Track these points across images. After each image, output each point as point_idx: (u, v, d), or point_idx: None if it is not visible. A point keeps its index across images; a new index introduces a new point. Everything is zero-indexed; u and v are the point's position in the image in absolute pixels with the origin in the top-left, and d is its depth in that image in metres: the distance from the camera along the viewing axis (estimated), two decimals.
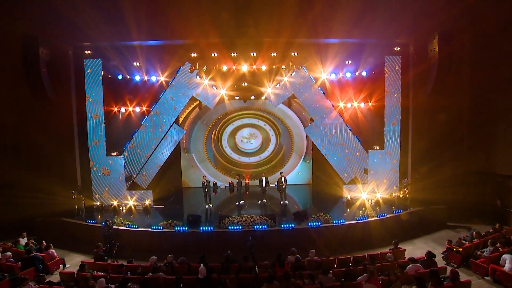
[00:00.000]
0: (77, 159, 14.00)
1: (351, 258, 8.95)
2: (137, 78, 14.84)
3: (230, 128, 17.93)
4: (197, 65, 13.81)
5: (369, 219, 11.85)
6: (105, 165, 14.02)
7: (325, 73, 14.97)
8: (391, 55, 14.01)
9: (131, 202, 14.11)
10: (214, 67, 14.02)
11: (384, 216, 12.11)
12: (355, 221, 11.69)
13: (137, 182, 15.38)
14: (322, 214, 11.79)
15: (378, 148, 14.62)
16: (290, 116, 17.90)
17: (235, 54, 13.77)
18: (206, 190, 13.76)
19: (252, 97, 17.00)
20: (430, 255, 7.85)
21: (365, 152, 15.24)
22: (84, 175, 14.15)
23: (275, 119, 17.94)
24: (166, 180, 17.14)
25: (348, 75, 15.15)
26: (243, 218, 11.47)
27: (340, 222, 11.51)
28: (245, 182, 17.69)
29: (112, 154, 14.28)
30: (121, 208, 14.06)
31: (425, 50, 13.13)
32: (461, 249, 9.04)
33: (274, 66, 14.07)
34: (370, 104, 15.91)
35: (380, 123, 14.83)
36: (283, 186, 14.22)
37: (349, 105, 16.03)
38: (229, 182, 17.82)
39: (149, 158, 15.26)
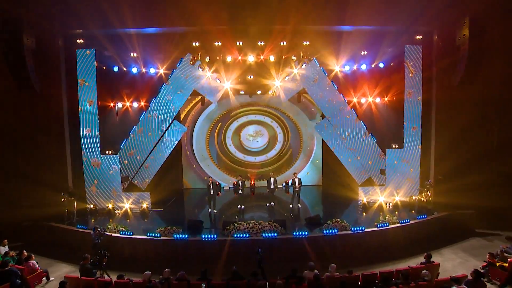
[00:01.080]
0: (68, 158, 12.72)
1: (378, 274, 7.59)
2: (134, 70, 13.50)
3: (234, 125, 16.59)
4: (199, 55, 12.48)
5: (390, 226, 10.48)
6: (102, 174, 12.76)
7: (338, 65, 13.57)
8: (411, 45, 12.59)
9: (127, 205, 12.82)
10: (217, 58, 12.67)
11: (407, 222, 10.74)
12: (375, 228, 10.33)
13: (135, 183, 14.09)
14: (339, 220, 10.43)
15: (396, 146, 13.21)
16: (299, 112, 16.53)
17: (241, 43, 12.42)
18: (212, 193, 12.37)
19: (258, 92, 15.62)
20: (478, 274, 6.48)
21: (381, 151, 13.88)
22: (76, 175, 12.86)
23: (282, 116, 16.58)
24: (166, 180, 15.85)
25: (364, 67, 13.74)
26: (250, 224, 10.14)
27: (359, 230, 10.16)
28: (251, 183, 16.40)
29: (107, 152, 12.98)
30: (117, 211, 12.77)
31: (452, 37, 11.72)
32: (506, 264, 7.65)
33: (283, 57, 12.70)
34: (386, 99, 14.50)
35: (398, 119, 13.44)
36: (296, 189, 12.85)
37: (363, 100, 14.63)
38: (233, 183, 16.44)
39: (148, 157, 13.96)
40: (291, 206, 13.08)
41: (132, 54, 13.11)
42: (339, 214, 11.98)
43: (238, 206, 12.98)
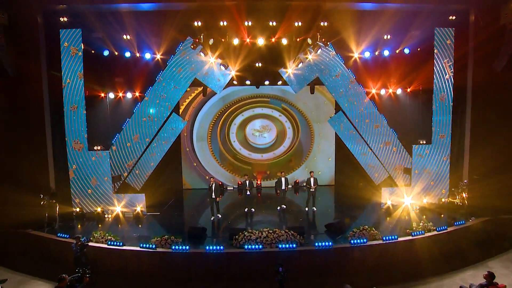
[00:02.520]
0: (50, 155, 10.85)
1: None
2: (127, 55, 11.65)
3: (239, 119, 14.81)
4: (201, 37, 10.65)
5: (426, 234, 8.77)
6: (85, 162, 10.89)
7: (357, 51, 11.83)
8: (443, 27, 10.87)
9: (118, 208, 11.01)
10: (222, 40, 10.85)
11: (445, 229, 9.03)
12: (410, 237, 8.62)
13: (128, 183, 12.30)
14: (367, 227, 8.70)
15: (424, 142, 11.50)
16: (309, 105, 14.77)
17: (250, 23, 10.62)
18: (214, 196, 10.57)
19: (266, 82, 13.87)
20: None
21: (403, 148, 12.22)
22: (59, 174, 11.01)
23: (292, 109, 14.82)
24: (163, 180, 14.11)
25: (386, 53, 12.01)
26: (263, 233, 8.38)
27: (391, 239, 8.44)
28: (257, 183, 14.69)
29: (96, 148, 11.15)
30: (107, 216, 10.95)
31: (495, 15, 9.97)
32: None
33: (298, 39, 10.92)
34: (408, 90, 12.81)
35: (426, 111, 11.74)
36: (312, 189, 11.12)
37: (385, 90, 12.92)
38: (238, 183, 14.76)
39: (143, 153, 12.17)
40: (306, 209, 11.35)
41: (124, 36, 11.25)
42: (360, 220, 10.30)
43: (246, 210, 11.22)
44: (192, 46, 11.32)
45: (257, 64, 12.34)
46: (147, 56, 11.77)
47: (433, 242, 8.69)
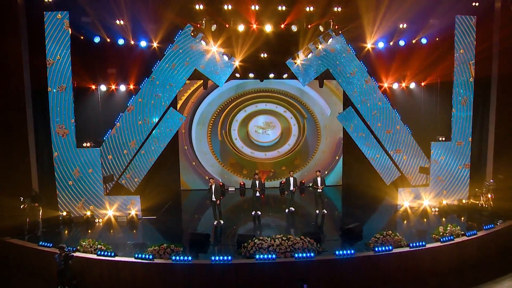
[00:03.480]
0: (32, 150, 9.58)
1: None
2: (121, 42, 10.46)
3: (241, 115, 13.70)
4: (203, 22, 9.51)
5: (456, 240, 7.80)
6: (74, 161, 9.64)
7: (371, 41, 10.86)
8: (464, 15, 9.95)
9: (110, 212, 9.79)
10: (227, 26, 9.73)
11: (474, 234, 8.06)
12: (439, 244, 7.62)
13: (122, 183, 11.09)
14: (391, 233, 7.68)
15: (443, 139, 10.56)
16: (316, 100, 13.75)
17: (257, 7, 9.53)
18: (214, 198, 9.42)
19: (271, 75, 12.81)
20: None
21: (417, 145, 11.31)
22: (43, 173, 9.76)
23: (298, 104, 13.76)
24: (159, 180, 12.97)
25: (402, 43, 11.06)
26: (276, 240, 7.28)
27: (419, 245, 7.43)
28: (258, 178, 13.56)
29: (85, 145, 9.92)
30: (97, 220, 9.73)
31: None
32: None
33: (309, 26, 9.86)
34: (424, 83, 11.89)
35: (445, 105, 10.81)
36: (319, 190, 10.08)
37: (397, 84, 11.98)
38: (240, 184, 13.67)
39: (138, 151, 11.00)
40: (316, 212, 10.30)
41: (118, 22, 10.06)
42: (375, 223, 9.32)
43: (253, 213, 10.12)
44: (192, 34, 10.20)
45: (262, 55, 11.28)
46: (143, 44, 10.60)
47: (464, 249, 7.73)
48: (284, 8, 9.49)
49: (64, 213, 9.66)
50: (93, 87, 11.25)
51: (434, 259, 7.46)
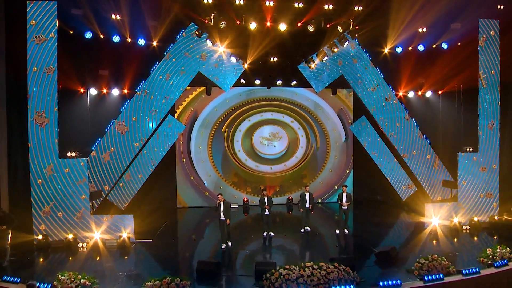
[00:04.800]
0: (3, 165, 7.88)
1: None
2: (116, 39, 9.14)
3: (245, 125, 12.43)
4: (211, 17, 8.35)
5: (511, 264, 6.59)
6: (55, 173, 7.99)
7: (388, 46, 10.02)
8: (488, 18, 9.27)
9: (97, 235, 8.09)
10: (237, 23, 8.61)
11: None
12: (494, 269, 6.39)
13: (110, 200, 9.48)
14: (437, 257, 6.39)
15: (471, 149, 9.59)
16: (325, 109, 12.69)
17: (271, 3, 8.48)
18: (223, 217, 7.89)
19: (279, 82, 11.72)
20: None
21: (436, 156, 10.39)
22: (14, 187, 8.03)
23: (306, 114, 12.64)
24: (153, 196, 11.43)
25: (421, 48, 10.26)
26: (306, 270, 5.84)
27: (473, 272, 6.16)
28: (262, 193, 12.15)
29: (69, 155, 8.33)
30: (81, 245, 7.99)
31: None
32: None
33: (328, 26, 8.88)
34: (441, 91, 11.07)
35: (468, 113, 9.95)
36: (344, 207, 8.79)
37: (412, 93, 11.12)
38: (243, 200, 12.20)
39: (131, 163, 9.51)
40: (336, 231, 8.94)
41: (113, 16, 8.79)
42: (404, 244, 8.07)
43: (264, 234, 8.65)
44: (196, 33, 9.05)
45: (272, 59, 10.20)
46: (141, 42, 9.31)
47: None
48: (301, 5, 8.48)
49: (40, 237, 7.87)
50: (82, 90, 9.77)
51: None
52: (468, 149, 9.58)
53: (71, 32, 8.73)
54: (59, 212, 7.95)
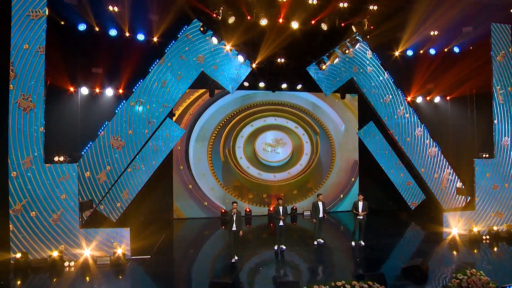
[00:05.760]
0: None
1: None
2: (113, 33, 8.27)
3: (247, 131, 11.64)
4: (220, 11, 7.65)
5: None
6: (39, 180, 6.89)
7: (400, 49, 9.64)
8: (501, 23, 9.06)
9: (87, 252, 6.99)
10: (249, 18, 7.95)
11: None
12: None
13: (100, 210, 8.40)
14: (475, 271, 5.76)
15: (487, 155, 9.19)
16: (329, 114, 12.12)
17: None
18: (235, 228, 7.03)
19: (284, 86, 11.08)
20: None
21: (447, 163, 9.99)
22: None
23: (311, 119, 12.02)
24: (148, 207, 10.37)
25: (432, 51, 9.94)
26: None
27: None
28: (269, 210, 11.37)
29: (57, 160, 7.26)
30: (67, 264, 6.86)
31: None
32: None
33: (342, 24, 8.37)
34: (450, 96, 10.75)
35: (484, 120, 9.61)
36: (360, 217, 8.09)
37: (422, 97, 10.75)
38: (246, 210, 11.31)
39: (126, 169, 8.52)
40: (352, 243, 8.20)
41: (111, 7, 7.93)
42: (428, 256, 7.43)
43: (275, 248, 7.78)
44: (201, 29, 8.33)
45: (279, 60, 9.60)
46: (140, 37, 8.47)
47: None
48: (315, 1, 7.94)
49: (19, 255, 6.70)
50: (72, 88, 8.75)
51: None
52: (484, 155, 9.18)
53: (62, 22, 7.79)
54: (32, 211, 6.79)
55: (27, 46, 6.64)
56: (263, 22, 8.01)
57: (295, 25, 8.21)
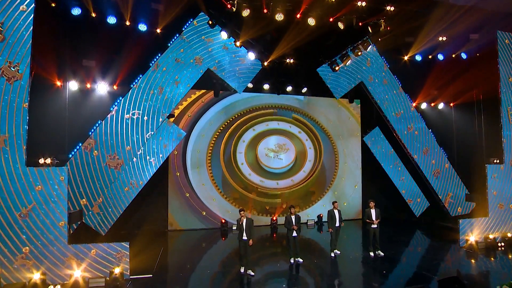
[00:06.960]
0: None
1: None
2: (112, 20, 7.28)
3: (249, 135, 10.89)
4: (235, 2, 6.95)
5: None
6: (19, 187, 5.69)
7: (409, 54, 9.44)
8: (507, 31, 9.12)
9: (78, 273, 5.81)
10: (265, 11, 7.29)
11: None
12: None
13: (88, 223, 7.23)
14: None
15: (497, 161, 9.06)
16: (333, 120, 11.68)
17: None
18: (245, 237, 6.27)
19: (289, 88, 10.51)
20: None
21: (453, 169, 9.86)
22: None
23: (314, 125, 11.50)
24: (139, 218, 9.30)
25: (441, 57, 9.83)
26: None
27: None
28: (272, 219, 10.61)
29: (42, 162, 6.09)
30: None
31: None
32: None
33: (360, 24, 7.95)
34: (454, 103, 10.69)
35: (492, 125, 9.54)
36: (374, 225, 7.54)
37: (429, 102, 10.60)
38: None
39: (119, 175, 7.46)
40: (371, 254, 7.60)
41: None
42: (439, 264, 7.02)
43: (292, 261, 7.00)
44: (210, 22, 7.60)
45: (288, 60, 9.02)
46: (142, 28, 7.54)
47: None
48: None
49: None
50: (59, 83, 7.58)
51: None
52: (495, 161, 9.05)
53: (53, 4, 6.70)
54: (22, 240, 5.59)
55: (24, 7, 5.57)
56: (279, 17, 7.41)
57: (311, 21, 7.68)
